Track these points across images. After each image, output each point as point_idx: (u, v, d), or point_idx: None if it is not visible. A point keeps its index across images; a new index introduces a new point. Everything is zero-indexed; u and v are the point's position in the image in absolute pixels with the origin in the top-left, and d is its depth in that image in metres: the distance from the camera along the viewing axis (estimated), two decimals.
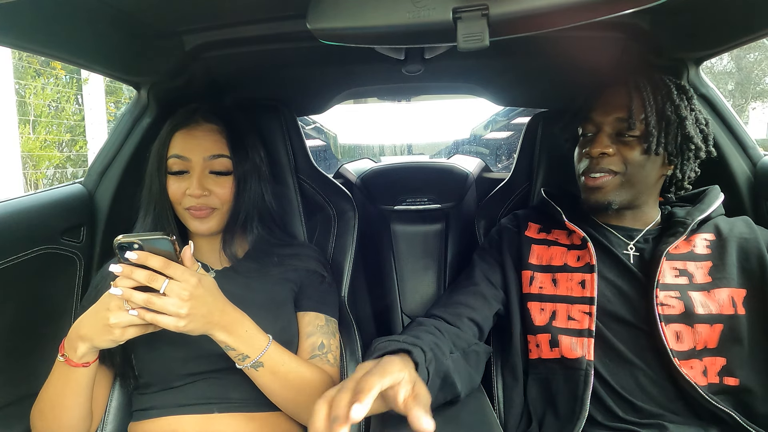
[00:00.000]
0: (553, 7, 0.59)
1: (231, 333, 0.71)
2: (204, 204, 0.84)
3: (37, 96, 5.04)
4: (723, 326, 0.80)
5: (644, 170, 0.85)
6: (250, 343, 0.74)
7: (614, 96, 0.87)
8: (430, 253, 1.46)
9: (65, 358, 0.73)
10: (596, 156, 0.85)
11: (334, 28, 0.65)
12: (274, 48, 1.04)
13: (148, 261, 0.64)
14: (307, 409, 0.80)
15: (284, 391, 0.77)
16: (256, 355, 0.74)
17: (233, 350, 0.73)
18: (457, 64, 1.24)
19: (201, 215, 0.85)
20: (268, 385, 0.77)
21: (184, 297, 0.65)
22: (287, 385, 0.77)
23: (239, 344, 0.72)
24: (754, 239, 0.84)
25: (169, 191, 0.85)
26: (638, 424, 0.79)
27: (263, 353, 0.74)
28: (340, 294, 1.05)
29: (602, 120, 0.86)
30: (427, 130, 4.30)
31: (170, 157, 0.85)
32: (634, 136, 0.84)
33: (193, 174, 0.85)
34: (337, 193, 1.16)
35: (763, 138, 10.14)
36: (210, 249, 0.91)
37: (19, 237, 0.92)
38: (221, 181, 0.86)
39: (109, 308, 0.66)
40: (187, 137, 0.86)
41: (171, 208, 0.87)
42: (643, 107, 0.84)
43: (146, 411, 0.82)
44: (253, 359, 0.74)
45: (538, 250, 0.94)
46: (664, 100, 0.84)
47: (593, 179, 0.86)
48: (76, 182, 1.11)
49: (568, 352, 0.84)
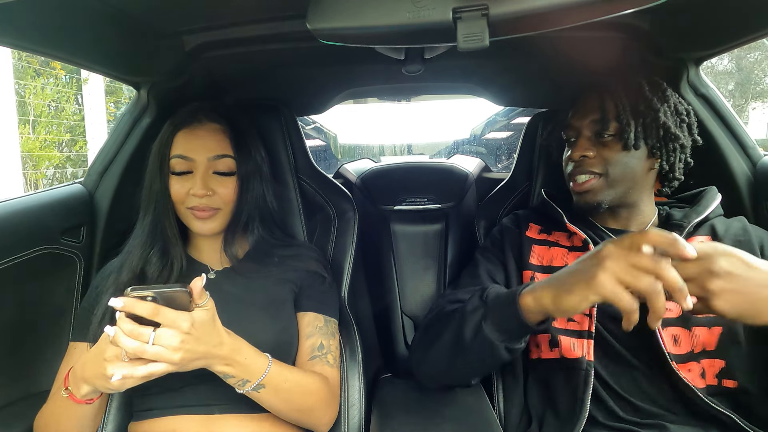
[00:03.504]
0: (553, 7, 0.59)
1: (229, 364, 0.70)
2: (207, 204, 0.84)
3: (37, 96, 5.04)
4: (722, 329, 0.79)
5: (627, 166, 0.87)
6: (249, 370, 0.72)
7: (587, 100, 0.91)
8: (430, 253, 1.46)
9: (69, 393, 0.72)
10: (577, 159, 0.88)
11: (334, 28, 0.65)
12: (274, 48, 1.04)
13: (134, 309, 0.61)
14: (311, 415, 0.80)
15: (287, 405, 0.77)
16: (257, 379, 0.73)
17: (233, 378, 0.72)
18: (457, 64, 1.24)
19: (204, 216, 0.85)
20: (271, 402, 0.76)
21: (175, 344, 0.62)
22: (290, 398, 0.77)
23: (238, 372, 0.71)
24: (747, 241, 0.84)
25: (171, 191, 0.85)
26: (639, 424, 0.79)
27: (264, 376, 0.73)
28: (340, 294, 1.05)
29: (580, 124, 0.90)
30: (427, 130, 4.30)
31: (173, 157, 0.85)
32: (611, 134, 0.87)
33: (196, 174, 0.84)
34: (337, 193, 1.16)
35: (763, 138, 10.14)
36: (210, 249, 0.91)
37: (19, 237, 0.92)
38: (225, 182, 0.86)
39: (106, 358, 0.64)
40: (191, 137, 0.85)
41: (172, 208, 0.86)
42: (615, 106, 0.87)
43: (147, 412, 0.82)
44: (254, 383, 0.73)
45: (538, 250, 0.94)
46: (636, 96, 0.87)
47: (579, 184, 0.89)
48: (76, 182, 1.11)
49: (568, 352, 0.84)
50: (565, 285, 0.66)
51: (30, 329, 0.95)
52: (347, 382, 0.91)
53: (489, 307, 0.76)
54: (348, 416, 0.88)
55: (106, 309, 0.81)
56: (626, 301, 0.59)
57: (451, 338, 0.79)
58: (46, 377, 0.94)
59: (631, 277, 0.59)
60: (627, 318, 0.60)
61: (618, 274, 0.60)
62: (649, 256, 0.60)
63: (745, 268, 0.61)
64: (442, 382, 0.90)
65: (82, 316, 0.86)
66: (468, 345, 0.76)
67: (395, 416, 0.87)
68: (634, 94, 0.87)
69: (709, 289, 0.61)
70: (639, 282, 0.59)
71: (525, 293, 0.71)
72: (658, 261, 0.59)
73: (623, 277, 0.60)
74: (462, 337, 0.77)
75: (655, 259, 0.59)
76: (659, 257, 0.60)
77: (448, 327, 0.81)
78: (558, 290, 0.67)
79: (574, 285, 0.64)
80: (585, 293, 0.62)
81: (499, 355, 0.74)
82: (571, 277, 0.66)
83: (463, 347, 0.77)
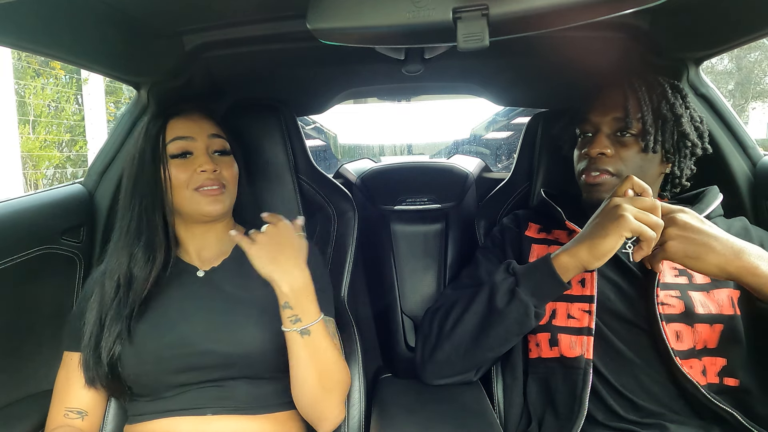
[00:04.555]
0: (553, 7, 0.59)
1: (295, 291, 0.74)
2: (216, 179, 0.84)
3: (37, 96, 5.04)
4: (723, 326, 0.80)
5: (642, 169, 0.86)
6: (307, 309, 0.76)
7: (611, 96, 0.88)
8: (430, 253, 1.46)
9: None
10: (594, 156, 0.87)
11: (334, 28, 0.65)
12: (274, 48, 1.04)
13: None
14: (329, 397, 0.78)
15: (317, 369, 0.76)
16: (308, 323, 0.75)
17: (290, 309, 0.75)
18: (457, 64, 1.24)
19: (215, 192, 0.84)
20: (306, 360, 0.76)
21: None
22: (323, 363, 0.77)
23: (297, 303, 0.75)
24: (748, 240, 0.84)
25: (172, 177, 0.83)
26: (639, 423, 0.79)
27: (315, 323, 0.76)
28: (340, 294, 1.05)
29: (600, 120, 0.88)
30: (427, 130, 4.30)
31: (171, 141, 0.84)
32: (632, 134, 0.86)
33: (198, 152, 0.84)
34: (337, 193, 1.16)
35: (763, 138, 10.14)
36: (198, 247, 0.89)
37: (19, 237, 0.92)
38: (225, 161, 0.87)
39: None
40: (185, 120, 0.86)
41: (161, 199, 0.83)
42: (639, 106, 0.85)
43: (139, 416, 0.81)
44: (304, 324, 0.75)
45: (538, 249, 0.94)
46: (660, 99, 0.86)
47: (593, 177, 0.87)
48: (76, 182, 1.11)
49: (567, 351, 0.84)
50: (596, 233, 0.76)
51: (30, 329, 0.95)
52: None
53: (520, 275, 0.83)
54: (348, 416, 0.87)
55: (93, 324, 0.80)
56: (649, 232, 0.72)
57: (480, 311, 0.84)
58: (46, 377, 0.93)
59: (643, 215, 0.73)
60: (647, 246, 0.73)
61: (635, 213, 0.73)
62: (647, 199, 0.75)
63: (698, 222, 0.75)
64: (451, 372, 0.90)
65: (73, 325, 0.85)
66: (501, 312, 0.82)
67: (395, 416, 0.87)
68: (658, 97, 0.86)
69: (666, 233, 0.74)
70: (649, 218, 0.73)
71: (559, 255, 0.80)
72: (653, 201, 0.75)
73: (639, 215, 0.73)
74: (494, 306, 0.82)
75: (652, 201, 0.75)
76: (653, 199, 0.75)
77: (474, 303, 0.85)
78: (592, 240, 0.76)
79: (606, 229, 0.74)
80: (618, 231, 0.73)
81: (530, 320, 0.82)
82: (598, 226, 0.76)
83: (496, 315, 0.82)
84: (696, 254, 0.73)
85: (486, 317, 0.84)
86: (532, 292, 0.81)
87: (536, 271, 0.82)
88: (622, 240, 0.74)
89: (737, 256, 0.72)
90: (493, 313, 0.83)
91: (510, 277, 0.84)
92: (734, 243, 0.73)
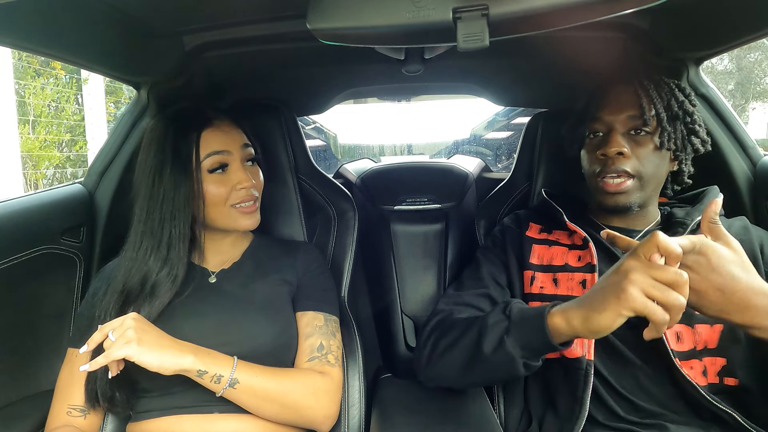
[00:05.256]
0: (553, 7, 0.59)
1: (196, 355, 0.73)
2: (252, 194, 0.85)
3: (37, 96, 5.04)
4: (723, 326, 0.80)
5: (657, 167, 0.85)
6: (218, 362, 0.74)
7: (623, 94, 0.86)
8: (430, 253, 1.46)
9: None
10: (612, 156, 0.84)
11: (334, 28, 0.65)
12: (274, 48, 1.04)
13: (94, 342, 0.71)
14: (300, 412, 0.79)
15: (267, 403, 0.77)
16: (229, 372, 0.74)
17: (206, 373, 0.73)
18: (457, 64, 1.24)
19: (251, 209, 0.85)
20: (251, 401, 0.76)
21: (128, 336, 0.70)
22: (268, 395, 0.76)
23: (209, 365, 0.73)
24: (747, 240, 0.84)
25: (207, 194, 0.81)
26: (639, 424, 0.79)
27: (234, 369, 0.74)
28: (340, 294, 1.05)
29: (613, 119, 0.86)
30: (427, 130, 4.31)
31: (207, 156, 0.82)
32: (647, 132, 0.84)
33: (234, 166, 0.84)
34: (337, 193, 1.16)
35: (763, 138, 10.14)
36: (216, 251, 0.90)
37: (19, 237, 0.92)
38: (255, 170, 0.88)
39: None
40: (217, 132, 0.84)
41: (191, 215, 0.82)
42: (652, 104, 0.84)
43: (145, 413, 0.81)
44: (228, 377, 0.74)
45: (539, 250, 0.94)
46: (669, 97, 0.86)
47: (615, 185, 0.84)
48: (76, 182, 1.11)
49: (568, 352, 0.84)
50: (595, 304, 0.64)
51: (30, 329, 0.95)
52: (347, 382, 0.91)
53: (513, 323, 0.75)
54: (348, 416, 0.88)
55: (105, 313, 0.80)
56: (659, 314, 0.59)
57: (468, 349, 0.78)
58: (46, 377, 0.94)
59: (658, 291, 0.59)
60: (656, 329, 0.60)
61: (645, 287, 0.60)
62: (671, 270, 0.60)
63: (740, 269, 0.64)
64: (447, 385, 0.89)
65: (80, 323, 0.85)
66: (486, 358, 0.75)
67: (395, 416, 0.87)
68: (667, 95, 0.86)
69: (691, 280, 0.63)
70: (667, 296, 0.59)
71: (554, 313, 0.70)
72: (679, 275, 0.59)
73: (650, 291, 0.60)
74: (480, 350, 0.76)
75: (676, 273, 0.59)
76: (679, 271, 0.60)
77: (464, 337, 0.80)
78: (588, 311, 0.65)
79: (605, 302, 0.63)
80: (617, 309, 0.61)
81: (517, 371, 0.74)
82: (599, 295, 0.64)
83: (481, 359, 0.76)
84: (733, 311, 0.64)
85: (473, 357, 0.78)
86: (522, 345, 0.73)
87: (530, 324, 0.73)
88: (621, 320, 0.62)
89: None
90: (479, 355, 0.77)
91: (503, 321, 0.76)
92: None
